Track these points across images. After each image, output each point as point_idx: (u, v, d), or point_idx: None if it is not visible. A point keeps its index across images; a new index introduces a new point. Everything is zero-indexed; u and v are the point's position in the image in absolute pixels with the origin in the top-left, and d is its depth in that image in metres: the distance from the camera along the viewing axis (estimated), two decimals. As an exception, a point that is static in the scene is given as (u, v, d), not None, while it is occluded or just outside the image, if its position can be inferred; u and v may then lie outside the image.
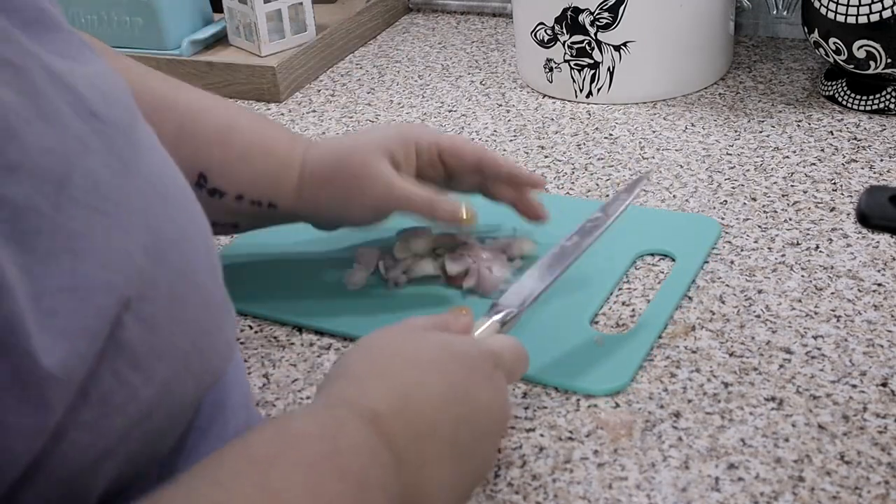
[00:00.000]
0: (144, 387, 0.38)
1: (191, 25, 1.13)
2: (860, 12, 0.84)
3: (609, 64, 0.96)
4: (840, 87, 0.92)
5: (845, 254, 0.71)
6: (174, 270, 0.40)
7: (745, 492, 0.52)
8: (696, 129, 0.91)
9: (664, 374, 0.61)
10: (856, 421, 0.56)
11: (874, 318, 0.64)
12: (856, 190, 0.79)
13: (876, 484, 0.52)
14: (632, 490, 0.53)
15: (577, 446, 0.56)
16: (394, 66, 1.13)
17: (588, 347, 0.63)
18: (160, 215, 0.40)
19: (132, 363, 0.37)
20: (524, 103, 1.00)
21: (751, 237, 0.73)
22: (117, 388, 0.37)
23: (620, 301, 0.68)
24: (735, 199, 0.79)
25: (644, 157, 0.87)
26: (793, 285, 0.68)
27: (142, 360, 0.38)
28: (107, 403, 0.36)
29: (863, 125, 0.88)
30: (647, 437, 0.56)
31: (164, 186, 0.42)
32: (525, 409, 0.59)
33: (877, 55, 0.86)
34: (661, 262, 0.72)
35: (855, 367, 0.60)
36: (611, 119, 0.94)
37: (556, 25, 0.96)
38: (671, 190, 0.81)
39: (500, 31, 1.20)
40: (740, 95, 0.96)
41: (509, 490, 0.53)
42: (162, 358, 0.39)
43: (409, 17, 1.29)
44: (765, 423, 0.56)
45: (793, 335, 0.63)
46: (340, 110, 1.03)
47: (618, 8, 0.93)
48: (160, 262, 0.39)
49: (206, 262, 0.44)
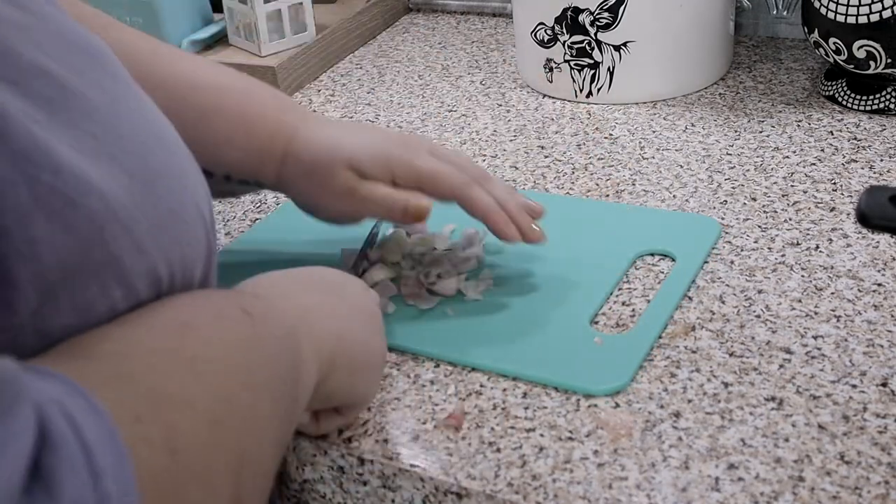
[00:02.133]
0: (123, 301, 0.41)
1: (191, 25, 1.13)
2: (860, 12, 0.84)
3: (609, 64, 0.96)
4: (840, 87, 0.92)
5: (845, 254, 0.71)
6: (158, 198, 0.43)
7: (745, 492, 0.52)
8: (696, 129, 0.91)
9: (664, 374, 0.61)
10: (856, 421, 0.56)
11: (874, 318, 0.64)
12: (856, 190, 0.79)
13: (876, 484, 0.52)
14: (632, 490, 0.53)
15: (577, 446, 0.56)
16: (394, 66, 1.13)
17: (588, 347, 0.63)
18: (149, 150, 0.43)
19: (117, 277, 0.40)
20: (524, 103, 1.00)
21: (751, 237, 0.73)
22: (100, 297, 0.40)
23: (620, 301, 0.68)
24: (735, 199, 0.79)
25: (644, 157, 0.87)
26: (793, 285, 0.68)
27: (126, 276, 0.41)
28: (89, 311, 0.39)
29: (863, 125, 0.88)
30: (647, 437, 0.56)
31: (153, 125, 0.45)
32: (525, 409, 0.59)
33: (877, 55, 0.86)
34: (661, 262, 0.72)
35: (855, 367, 0.60)
36: (611, 119, 0.94)
37: (556, 25, 0.96)
38: (671, 190, 0.81)
39: (500, 31, 1.20)
40: (740, 95, 0.96)
41: (509, 490, 0.53)
42: (144, 277, 0.42)
43: (409, 17, 1.29)
44: (765, 423, 0.56)
45: (793, 335, 0.63)
46: (340, 110, 1.03)
47: (618, 8, 0.93)
48: (146, 191, 0.42)
49: (191, 198, 0.46)
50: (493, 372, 0.62)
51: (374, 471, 0.57)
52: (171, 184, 0.45)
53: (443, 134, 0.95)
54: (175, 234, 0.44)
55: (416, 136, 0.81)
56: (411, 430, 0.58)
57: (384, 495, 0.57)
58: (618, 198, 0.81)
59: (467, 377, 0.62)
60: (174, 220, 0.44)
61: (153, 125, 0.46)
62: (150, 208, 0.42)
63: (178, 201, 0.45)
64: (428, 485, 0.56)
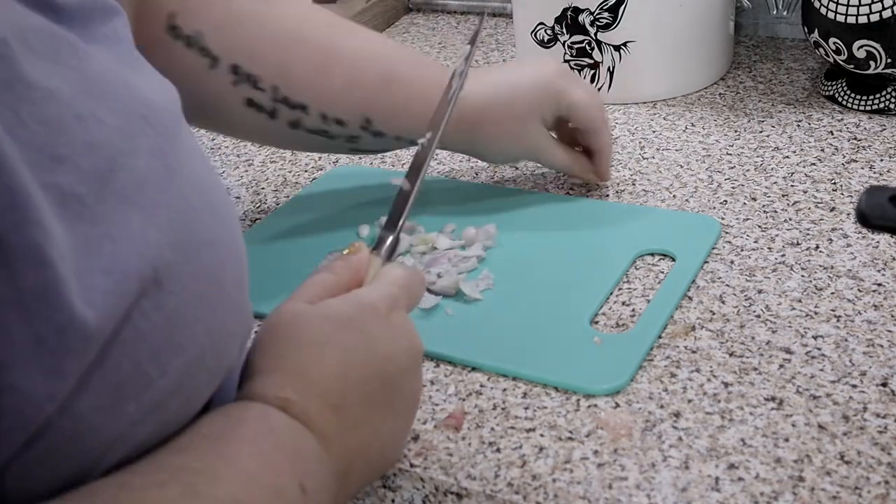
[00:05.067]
0: (160, 378, 0.40)
1: (191, 25, 1.13)
2: (860, 12, 0.84)
3: (609, 64, 0.96)
4: (840, 87, 0.92)
5: (845, 254, 0.71)
6: (201, 269, 0.42)
7: (745, 492, 0.52)
8: (696, 129, 0.91)
9: (664, 374, 0.61)
10: (856, 421, 0.56)
11: (874, 318, 0.64)
12: (856, 190, 0.79)
13: (876, 484, 0.52)
14: (632, 490, 0.53)
15: (577, 446, 0.56)
16: (394, 66, 1.13)
17: (588, 347, 0.63)
18: (196, 218, 0.43)
19: (151, 354, 0.39)
20: (524, 103, 1.00)
21: (751, 237, 0.73)
22: (134, 376, 0.39)
23: (620, 301, 0.68)
24: (735, 199, 0.79)
25: (644, 157, 0.87)
26: (793, 285, 0.68)
27: (160, 352, 0.40)
28: (122, 389, 0.39)
29: (863, 125, 0.88)
30: (647, 437, 0.56)
31: (204, 193, 0.44)
32: (525, 409, 0.59)
33: (877, 55, 0.86)
34: (661, 261, 0.72)
35: (855, 367, 0.60)
36: (611, 119, 0.94)
37: (556, 25, 0.96)
38: (671, 190, 0.81)
39: (500, 31, 1.20)
40: (740, 95, 0.96)
41: (509, 490, 0.53)
42: (179, 353, 0.41)
43: (409, 17, 1.29)
44: (765, 423, 0.56)
45: (793, 335, 0.63)
46: (340, 110, 1.03)
47: (618, 8, 0.93)
48: (189, 259, 0.42)
49: (233, 267, 0.46)
50: (493, 372, 0.62)
51: (374, 471, 0.57)
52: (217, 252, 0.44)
53: (443, 134, 0.95)
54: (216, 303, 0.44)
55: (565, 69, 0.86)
56: (411, 430, 0.58)
57: (384, 495, 0.57)
58: (618, 198, 0.81)
59: (467, 377, 0.62)
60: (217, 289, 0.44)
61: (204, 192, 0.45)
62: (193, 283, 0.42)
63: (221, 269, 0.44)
64: (428, 485, 0.56)
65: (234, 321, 0.46)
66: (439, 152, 0.88)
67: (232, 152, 0.96)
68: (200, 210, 0.43)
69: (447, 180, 0.86)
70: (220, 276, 0.44)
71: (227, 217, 0.47)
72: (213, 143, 0.99)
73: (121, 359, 0.38)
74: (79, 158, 0.38)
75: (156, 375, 0.40)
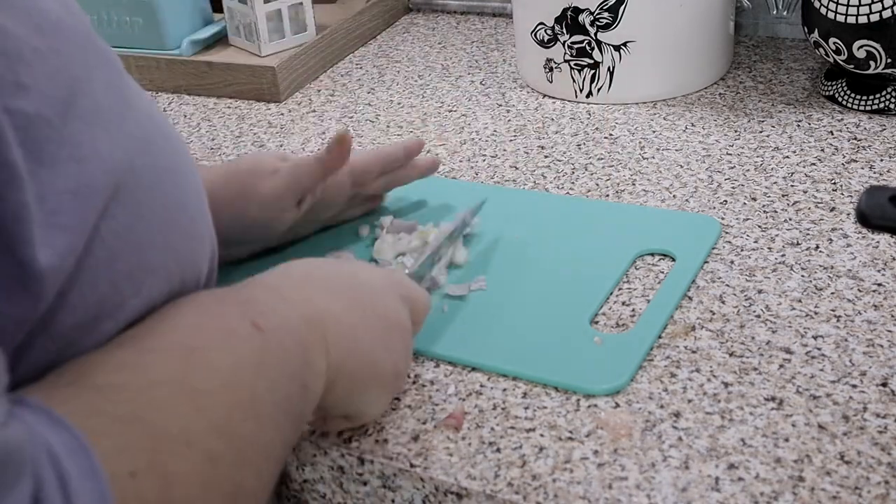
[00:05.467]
0: (133, 297, 0.43)
1: (191, 25, 1.13)
2: (860, 12, 0.84)
3: (609, 64, 0.96)
4: (840, 87, 0.92)
5: (845, 254, 0.71)
6: (164, 195, 0.45)
7: (745, 492, 0.52)
8: (696, 129, 0.91)
9: (664, 374, 0.61)
10: (856, 421, 0.56)
11: (874, 318, 0.64)
12: (856, 190, 0.79)
13: (876, 484, 0.52)
14: (632, 490, 0.53)
15: (577, 446, 0.56)
16: (394, 66, 1.13)
17: (588, 347, 0.63)
18: (155, 145, 0.45)
19: (125, 274, 0.42)
20: (524, 103, 1.00)
21: (751, 237, 0.73)
22: (110, 294, 0.41)
23: (620, 301, 0.68)
24: (735, 199, 0.79)
25: (644, 157, 0.87)
26: (793, 285, 0.68)
27: (133, 272, 0.43)
28: (100, 307, 0.41)
29: (863, 125, 0.88)
30: (647, 437, 0.56)
31: (158, 126, 0.47)
32: (525, 409, 0.59)
33: (877, 55, 0.85)
34: (661, 261, 0.72)
35: (855, 367, 0.60)
36: (611, 119, 0.94)
37: (556, 25, 0.96)
38: (671, 190, 0.81)
39: (500, 31, 1.20)
40: (740, 95, 0.96)
41: (509, 490, 0.53)
42: (151, 274, 0.44)
43: (409, 17, 1.29)
44: (765, 423, 0.56)
45: (793, 335, 0.63)
46: (340, 110, 1.03)
47: (618, 8, 0.93)
48: (152, 185, 0.44)
49: (195, 198, 0.48)
50: (494, 372, 0.62)
51: (374, 471, 0.57)
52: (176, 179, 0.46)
53: (443, 134, 0.95)
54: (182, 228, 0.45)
55: None
56: (411, 429, 0.58)
57: (384, 495, 0.57)
58: (618, 198, 0.81)
59: (467, 377, 0.62)
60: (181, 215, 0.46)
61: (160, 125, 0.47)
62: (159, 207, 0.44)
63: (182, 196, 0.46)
64: (428, 485, 0.56)
65: (200, 251, 0.48)
66: (440, 154, 0.87)
67: (232, 152, 0.97)
68: (158, 139, 0.46)
69: (447, 180, 0.86)
70: (184, 202, 0.47)
71: (182, 151, 0.49)
72: (213, 142, 0.99)
73: (96, 278, 0.40)
74: (42, 86, 0.39)
75: (130, 294, 0.42)
